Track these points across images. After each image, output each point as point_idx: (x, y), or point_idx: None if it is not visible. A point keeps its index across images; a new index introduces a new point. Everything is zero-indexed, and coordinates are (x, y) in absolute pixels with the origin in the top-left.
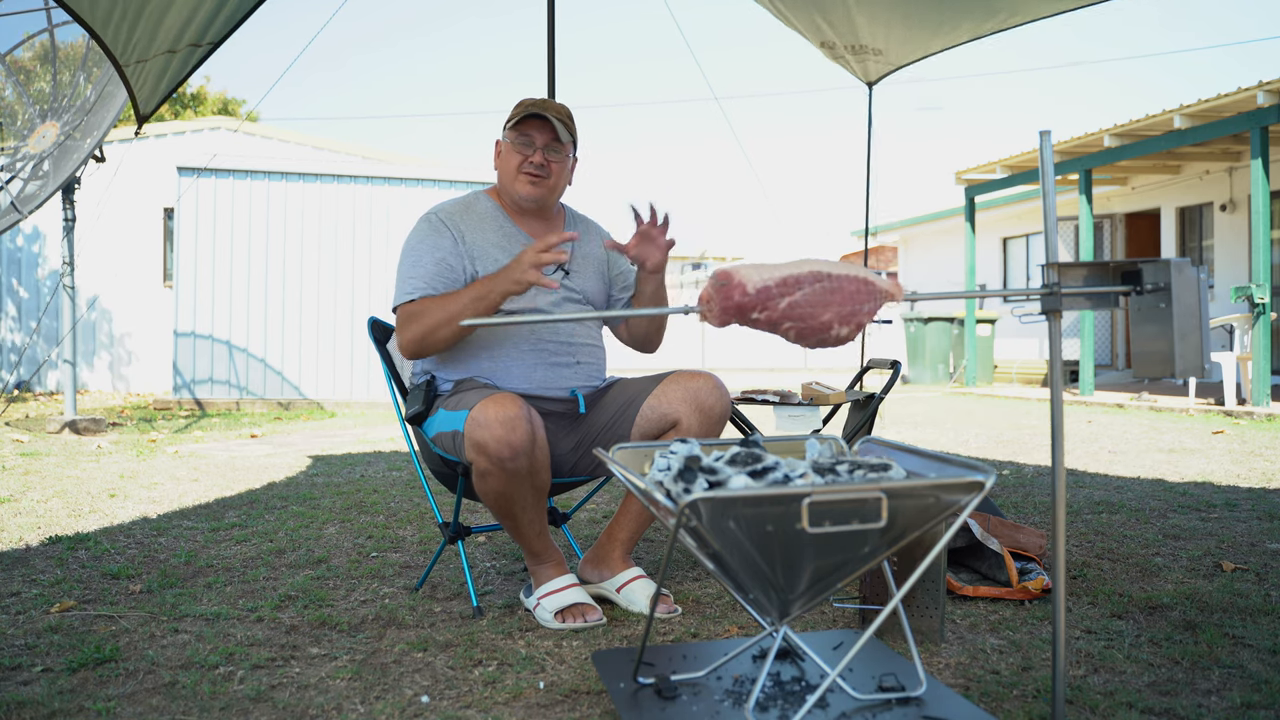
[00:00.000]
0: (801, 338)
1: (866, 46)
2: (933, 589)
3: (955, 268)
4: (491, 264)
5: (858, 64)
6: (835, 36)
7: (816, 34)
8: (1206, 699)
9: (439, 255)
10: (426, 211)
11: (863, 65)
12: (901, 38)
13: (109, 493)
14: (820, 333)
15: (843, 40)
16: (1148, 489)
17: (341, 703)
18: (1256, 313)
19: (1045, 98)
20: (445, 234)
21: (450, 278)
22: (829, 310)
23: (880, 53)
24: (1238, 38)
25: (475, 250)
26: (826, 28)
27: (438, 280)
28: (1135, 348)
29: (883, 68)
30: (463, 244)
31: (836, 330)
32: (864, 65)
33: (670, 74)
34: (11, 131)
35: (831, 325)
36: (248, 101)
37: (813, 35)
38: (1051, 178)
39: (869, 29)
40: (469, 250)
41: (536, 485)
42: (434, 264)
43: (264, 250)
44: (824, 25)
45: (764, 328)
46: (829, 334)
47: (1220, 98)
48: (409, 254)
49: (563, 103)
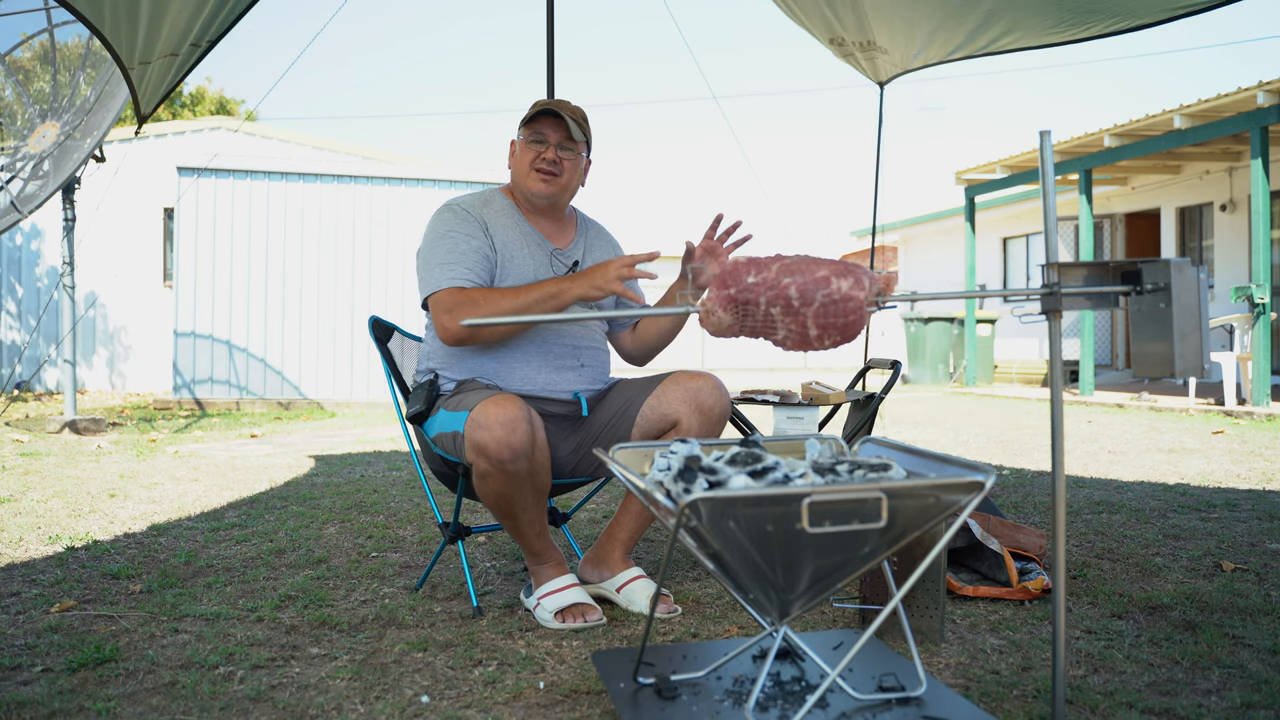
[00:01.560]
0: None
1: (875, 44)
2: (933, 589)
3: (955, 268)
4: (514, 259)
5: (867, 62)
6: (845, 32)
7: (826, 30)
8: (1206, 699)
9: (475, 244)
10: (446, 202)
11: (872, 63)
12: (904, 37)
13: (109, 493)
14: (804, 307)
15: (852, 36)
16: (1148, 489)
17: (341, 703)
18: (1256, 313)
19: (1045, 98)
20: (474, 223)
21: (487, 267)
22: (800, 276)
23: (887, 51)
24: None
25: (498, 243)
26: (836, 23)
27: (480, 268)
28: (1135, 348)
29: (891, 68)
30: (489, 235)
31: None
32: (874, 63)
33: (670, 74)
34: (11, 131)
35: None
36: (247, 101)
37: (822, 31)
38: (1051, 178)
39: (876, 24)
40: (493, 242)
41: (537, 486)
42: (472, 252)
43: (264, 250)
44: (834, 20)
45: (759, 325)
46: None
47: (1220, 98)
48: (442, 239)
49: (578, 104)
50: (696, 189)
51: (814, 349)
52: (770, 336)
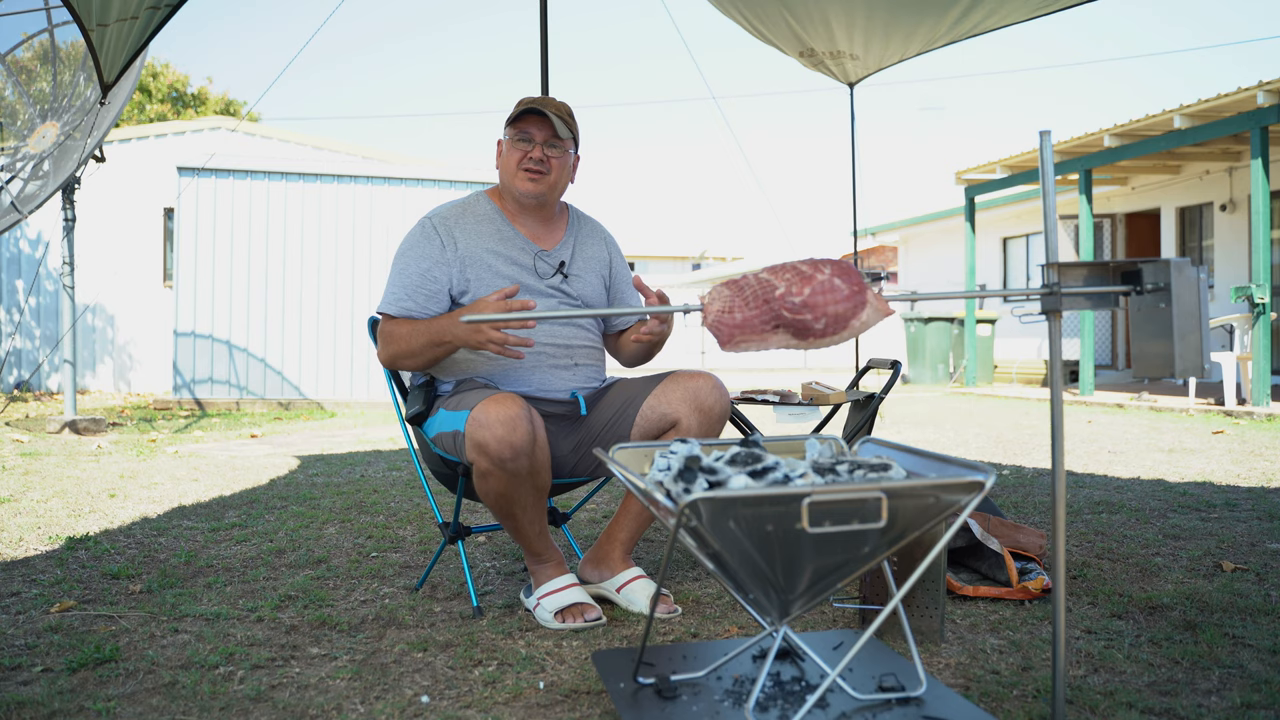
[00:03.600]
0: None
1: (844, 52)
2: (933, 589)
3: (955, 268)
4: (483, 269)
5: (836, 68)
6: (813, 43)
7: (795, 43)
8: (1206, 699)
9: (424, 266)
10: (426, 214)
11: (841, 68)
12: (881, 43)
13: (109, 493)
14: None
15: (820, 46)
16: (1148, 489)
17: (341, 703)
18: (1256, 313)
19: (1045, 98)
20: (435, 240)
21: (432, 289)
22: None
23: (857, 57)
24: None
25: (467, 256)
26: (805, 35)
27: (418, 292)
28: (1135, 348)
29: (861, 70)
30: (454, 250)
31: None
32: (842, 68)
33: (669, 74)
34: (11, 131)
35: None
36: (248, 101)
37: (790, 46)
38: (1051, 178)
39: (845, 34)
40: (460, 256)
41: (537, 486)
42: (418, 275)
43: (264, 250)
44: (801, 33)
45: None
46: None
47: (1220, 98)
48: (397, 261)
49: (563, 100)
50: (697, 189)
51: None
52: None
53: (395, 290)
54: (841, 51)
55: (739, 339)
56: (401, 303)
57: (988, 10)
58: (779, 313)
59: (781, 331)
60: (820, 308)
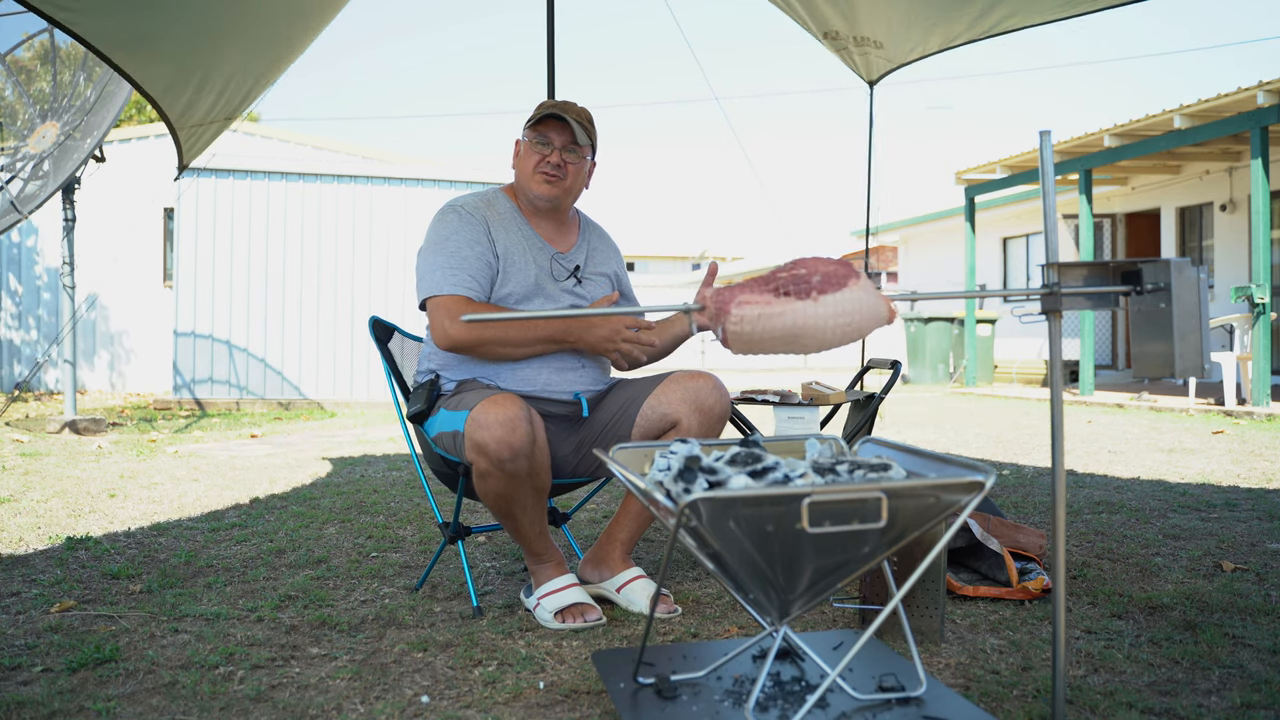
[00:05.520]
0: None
1: (867, 39)
2: (933, 589)
3: (955, 268)
4: (515, 263)
5: (860, 58)
6: (839, 26)
7: (820, 22)
8: (1206, 699)
9: (478, 250)
10: (450, 202)
11: (865, 59)
12: (903, 30)
13: (109, 493)
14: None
15: (847, 31)
16: (1148, 489)
17: (341, 703)
18: (1256, 313)
19: (1045, 98)
20: (478, 225)
21: (489, 275)
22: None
23: (881, 45)
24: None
25: (500, 246)
26: (833, 15)
27: (482, 276)
28: (1135, 348)
29: (884, 64)
30: (491, 239)
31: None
32: (866, 59)
33: (671, 74)
34: (11, 131)
35: None
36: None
37: (816, 25)
38: (1051, 178)
39: (869, 18)
40: (495, 246)
41: (537, 486)
42: (476, 258)
43: (264, 250)
44: (830, 13)
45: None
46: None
47: (1220, 98)
48: (446, 242)
49: (584, 106)
50: (697, 189)
51: None
52: None
53: (455, 272)
54: (865, 38)
55: (741, 299)
56: (469, 285)
57: (1010, 9)
58: (775, 278)
59: (783, 297)
60: (813, 266)
